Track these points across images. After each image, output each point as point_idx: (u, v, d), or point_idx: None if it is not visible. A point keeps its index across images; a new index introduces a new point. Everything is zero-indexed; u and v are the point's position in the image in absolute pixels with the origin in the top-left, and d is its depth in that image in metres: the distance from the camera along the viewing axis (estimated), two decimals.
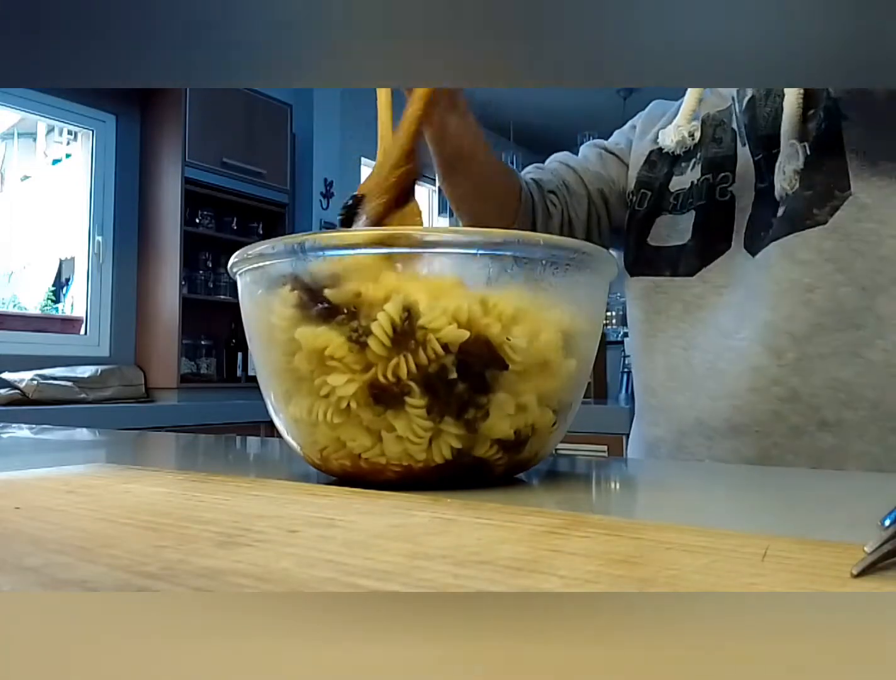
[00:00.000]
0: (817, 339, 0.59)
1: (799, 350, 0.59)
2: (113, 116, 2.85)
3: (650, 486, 0.46)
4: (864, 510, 0.33)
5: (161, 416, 2.46)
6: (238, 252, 0.42)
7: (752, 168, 0.65)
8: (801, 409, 0.59)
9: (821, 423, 0.59)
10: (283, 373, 0.40)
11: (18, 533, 0.26)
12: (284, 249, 0.39)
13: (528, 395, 0.38)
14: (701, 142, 0.70)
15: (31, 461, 0.62)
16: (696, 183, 0.69)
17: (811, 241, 0.59)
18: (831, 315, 0.58)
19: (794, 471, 0.55)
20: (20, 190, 3.16)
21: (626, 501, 0.41)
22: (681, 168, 0.72)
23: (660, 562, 0.22)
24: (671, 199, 0.71)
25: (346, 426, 0.38)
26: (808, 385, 0.59)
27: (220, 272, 3.02)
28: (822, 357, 0.58)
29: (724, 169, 0.67)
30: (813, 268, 0.59)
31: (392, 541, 0.25)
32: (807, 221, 0.59)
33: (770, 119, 0.64)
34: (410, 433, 0.37)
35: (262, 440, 0.85)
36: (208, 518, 0.29)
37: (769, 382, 0.60)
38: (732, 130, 0.68)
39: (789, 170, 0.60)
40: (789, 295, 0.60)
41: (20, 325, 2.62)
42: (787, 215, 0.60)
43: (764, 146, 0.64)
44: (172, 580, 0.20)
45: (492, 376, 0.37)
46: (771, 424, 0.60)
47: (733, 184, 0.66)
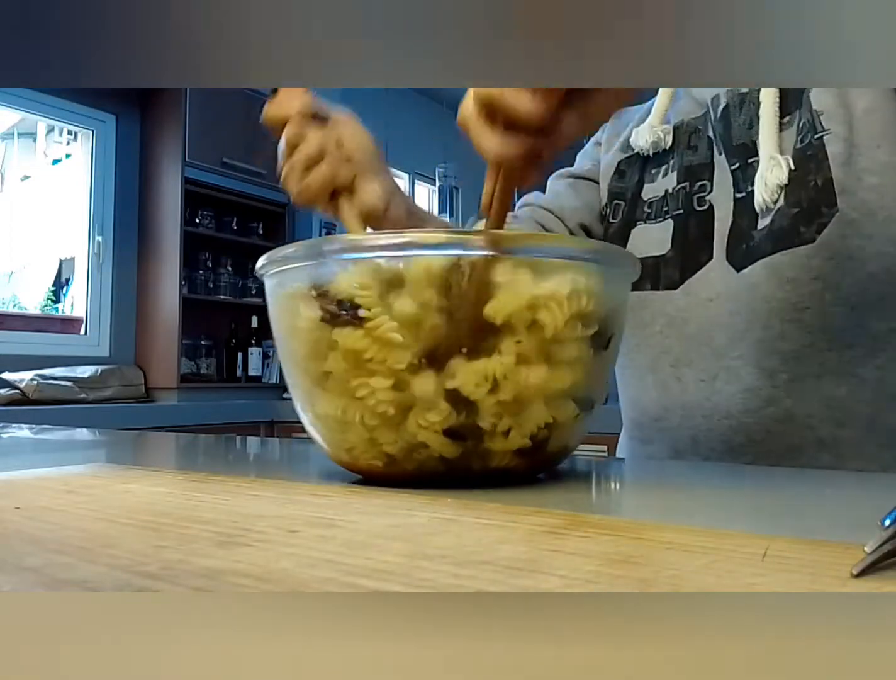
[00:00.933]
0: (810, 358, 0.58)
1: (791, 370, 0.59)
2: (113, 116, 2.85)
3: (650, 486, 0.46)
4: (864, 510, 0.33)
5: (161, 416, 2.46)
6: (269, 254, 0.42)
7: (729, 177, 0.64)
8: (796, 429, 0.59)
9: (818, 442, 0.58)
10: (315, 372, 0.40)
11: (18, 533, 0.26)
12: (311, 252, 0.40)
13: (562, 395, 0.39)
14: (675, 148, 0.69)
15: (31, 461, 0.62)
16: (672, 191, 0.68)
17: (799, 259, 0.58)
18: (822, 334, 0.58)
19: (793, 471, 0.55)
20: (20, 190, 3.15)
21: (626, 501, 0.41)
22: (651, 175, 0.71)
23: (660, 562, 0.22)
24: (645, 208, 0.70)
25: (381, 428, 0.38)
26: (803, 405, 0.58)
27: (220, 272, 3.02)
28: (815, 377, 0.58)
29: (702, 177, 0.66)
30: (802, 287, 0.58)
31: (392, 541, 0.25)
32: (794, 240, 0.58)
33: (745, 128, 0.63)
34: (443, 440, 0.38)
35: (262, 440, 0.85)
36: (208, 518, 0.29)
37: (764, 401, 0.60)
38: (709, 138, 0.67)
39: (772, 183, 0.59)
40: (779, 314, 0.59)
41: (20, 325, 2.62)
42: (773, 233, 0.59)
43: (740, 155, 0.63)
44: (172, 580, 0.20)
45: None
46: (768, 442, 0.60)
47: (711, 192, 0.65)
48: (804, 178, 0.58)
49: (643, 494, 0.42)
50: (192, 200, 2.81)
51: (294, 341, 0.42)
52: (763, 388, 0.60)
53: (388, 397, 0.37)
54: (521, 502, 0.32)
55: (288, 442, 0.98)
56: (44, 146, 3.28)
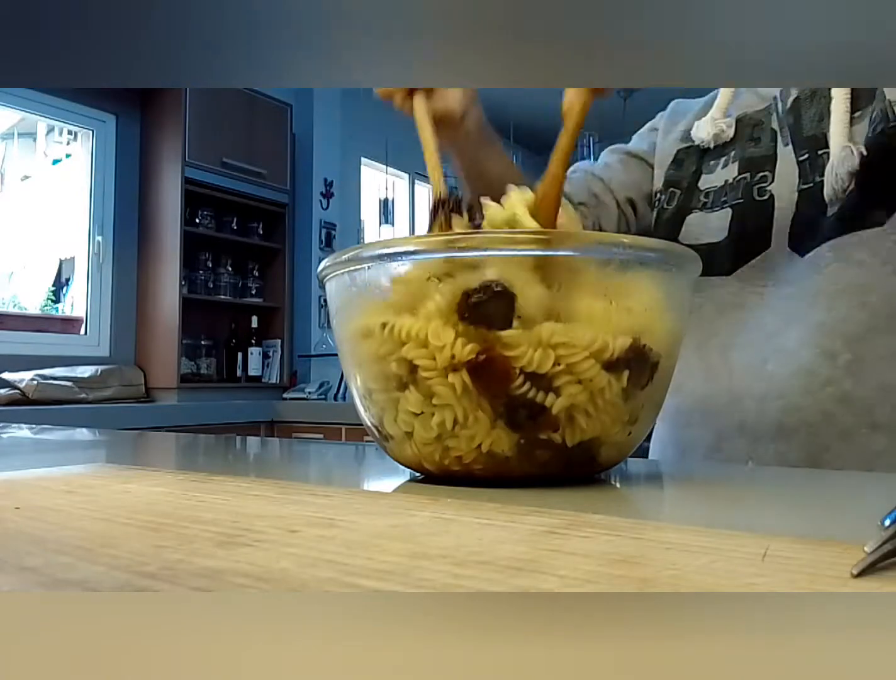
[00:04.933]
0: (872, 341, 0.59)
1: (853, 352, 0.59)
2: (113, 116, 2.85)
3: (650, 486, 0.46)
4: (864, 510, 0.33)
5: (161, 416, 2.46)
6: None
7: (795, 168, 0.65)
8: (853, 410, 0.59)
9: (872, 425, 0.59)
10: (389, 372, 0.40)
11: (18, 533, 0.26)
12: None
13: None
14: (735, 140, 0.71)
15: (31, 461, 0.62)
16: (732, 181, 0.69)
17: (868, 241, 0.59)
18: (886, 318, 0.58)
19: (794, 471, 0.55)
20: (20, 190, 3.15)
21: (625, 501, 0.41)
22: (709, 166, 0.72)
23: (660, 562, 0.22)
24: (701, 198, 0.71)
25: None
26: (862, 387, 0.59)
27: (220, 272, 3.02)
28: (875, 359, 0.59)
29: (764, 168, 0.67)
30: (869, 269, 0.59)
31: (392, 541, 0.25)
32: (864, 222, 0.59)
33: (816, 120, 0.64)
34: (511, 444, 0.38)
35: (262, 440, 0.85)
36: (208, 518, 0.29)
37: (822, 383, 0.60)
38: (772, 130, 0.68)
39: (842, 171, 0.59)
40: (845, 296, 0.59)
41: (20, 325, 2.62)
42: (841, 216, 0.60)
43: (810, 147, 0.64)
44: (172, 580, 0.20)
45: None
46: (821, 425, 0.60)
47: (772, 183, 0.66)
48: (876, 165, 0.59)
49: (643, 494, 0.42)
50: (192, 200, 2.81)
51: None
52: (822, 368, 0.60)
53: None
54: (521, 502, 0.31)
55: (288, 442, 0.98)
56: (44, 146, 3.28)
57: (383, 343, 0.39)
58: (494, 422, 0.38)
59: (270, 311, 3.16)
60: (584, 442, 0.39)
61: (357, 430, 2.36)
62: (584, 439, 0.39)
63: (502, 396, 0.37)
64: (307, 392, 3.02)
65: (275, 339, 3.16)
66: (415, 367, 0.38)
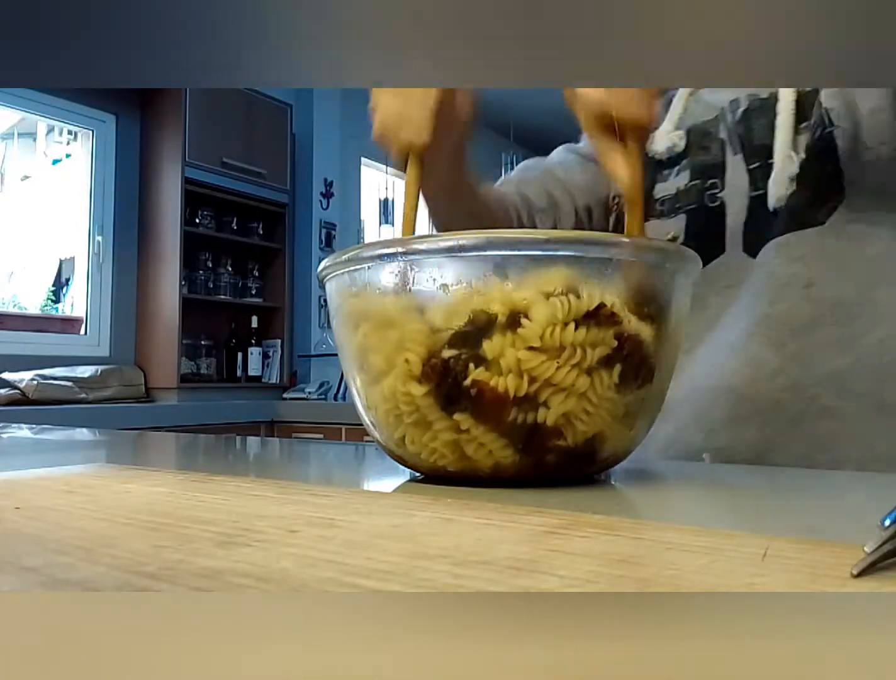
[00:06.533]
0: (817, 331, 0.62)
1: (798, 342, 0.62)
2: (113, 116, 2.85)
3: (650, 486, 0.46)
4: (864, 510, 0.33)
5: (161, 416, 2.46)
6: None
7: (744, 175, 0.68)
8: (801, 397, 0.62)
9: (820, 410, 0.61)
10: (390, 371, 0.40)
11: (18, 533, 0.26)
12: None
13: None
14: (687, 150, 0.73)
15: (31, 461, 0.62)
16: (684, 188, 0.71)
17: (809, 238, 0.62)
18: (829, 309, 0.61)
19: (793, 471, 0.55)
20: (20, 190, 3.16)
21: (626, 501, 0.41)
22: (663, 175, 0.74)
23: (660, 562, 0.22)
24: (657, 205, 0.73)
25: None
26: (809, 375, 0.62)
27: (220, 272, 3.02)
28: (822, 347, 0.62)
29: (713, 175, 0.70)
30: (811, 264, 0.62)
31: (392, 541, 0.25)
32: (806, 221, 0.62)
33: (766, 130, 0.67)
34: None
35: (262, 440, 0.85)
36: (208, 518, 0.29)
37: (771, 372, 0.63)
38: (720, 140, 0.71)
39: (784, 176, 0.63)
40: (788, 289, 0.63)
41: (20, 325, 2.62)
42: (785, 216, 0.63)
43: (760, 155, 0.67)
44: (172, 580, 0.20)
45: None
46: (772, 412, 0.63)
47: (723, 190, 0.69)
48: (815, 168, 0.62)
49: (643, 494, 0.42)
50: (192, 200, 2.82)
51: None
52: (771, 358, 0.63)
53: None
54: (521, 502, 0.31)
55: (288, 442, 0.98)
56: (44, 146, 3.28)
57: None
58: (497, 440, 0.38)
59: (270, 311, 3.16)
60: (586, 439, 0.39)
61: (357, 430, 2.36)
62: (586, 438, 0.39)
63: (503, 425, 0.38)
64: (307, 392, 3.03)
65: (275, 339, 3.16)
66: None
